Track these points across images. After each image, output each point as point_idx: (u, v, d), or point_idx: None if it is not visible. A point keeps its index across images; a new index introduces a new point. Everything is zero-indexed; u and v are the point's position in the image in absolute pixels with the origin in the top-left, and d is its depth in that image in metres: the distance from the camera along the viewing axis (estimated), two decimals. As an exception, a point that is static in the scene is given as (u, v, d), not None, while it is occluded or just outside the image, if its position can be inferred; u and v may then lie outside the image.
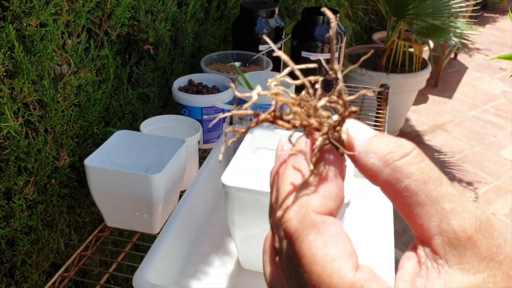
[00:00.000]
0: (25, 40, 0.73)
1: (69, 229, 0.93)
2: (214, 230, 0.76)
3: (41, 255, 0.87)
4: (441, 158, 2.39)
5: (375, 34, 2.79)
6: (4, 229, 0.77)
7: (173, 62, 1.13)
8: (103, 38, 0.91)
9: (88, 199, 0.94)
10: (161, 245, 0.63)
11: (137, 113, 1.05)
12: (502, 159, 2.40)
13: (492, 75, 3.36)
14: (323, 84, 0.27)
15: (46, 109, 0.79)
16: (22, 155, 0.76)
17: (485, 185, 2.20)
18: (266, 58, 1.17)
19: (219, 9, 1.29)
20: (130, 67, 1.01)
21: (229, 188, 0.61)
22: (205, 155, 0.98)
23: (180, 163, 0.78)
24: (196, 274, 0.68)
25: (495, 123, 2.74)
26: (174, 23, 1.11)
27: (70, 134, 0.86)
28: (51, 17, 0.75)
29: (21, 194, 0.78)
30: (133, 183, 0.72)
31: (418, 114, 2.80)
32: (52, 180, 0.84)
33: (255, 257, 0.68)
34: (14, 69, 0.71)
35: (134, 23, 0.98)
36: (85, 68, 0.86)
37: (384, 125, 1.27)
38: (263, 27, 1.18)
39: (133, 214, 0.76)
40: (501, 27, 4.50)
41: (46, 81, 0.77)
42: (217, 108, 0.97)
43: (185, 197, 0.73)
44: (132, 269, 1.08)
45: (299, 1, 1.68)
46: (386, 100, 1.36)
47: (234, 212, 0.63)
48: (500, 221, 1.97)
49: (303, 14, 1.18)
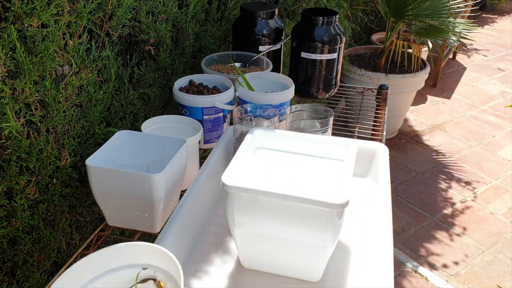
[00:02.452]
0: (27, 41, 0.73)
1: (70, 228, 0.94)
2: (215, 229, 0.77)
3: (43, 254, 0.87)
4: (440, 158, 2.40)
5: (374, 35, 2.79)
6: (6, 229, 0.77)
7: (174, 63, 1.14)
8: (104, 39, 0.91)
9: (89, 199, 0.94)
10: (161, 244, 0.64)
11: (138, 113, 1.05)
12: (500, 158, 2.41)
13: (491, 76, 3.37)
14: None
15: (47, 109, 0.80)
16: (23, 155, 0.76)
17: (484, 184, 2.21)
18: (266, 59, 1.17)
19: (219, 10, 1.30)
20: (131, 68, 1.01)
21: (229, 187, 0.61)
22: (205, 155, 0.98)
23: (180, 163, 0.79)
24: (196, 273, 0.68)
25: (494, 123, 2.75)
26: (175, 24, 1.11)
27: (72, 134, 0.86)
28: (52, 18, 0.76)
29: (23, 194, 0.78)
30: (134, 183, 0.73)
31: (416, 114, 2.81)
32: (54, 180, 0.84)
33: (255, 256, 0.68)
34: (15, 69, 0.72)
35: (135, 24, 0.98)
36: (87, 69, 0.86)
37: (383, 125, 1.28)
38: (263, 28, 1.19)
39: (134, 213, 0.77)
40: (499, 28, 4.51)
41: (48, 82, 0.77)
42: (218, 108, 0.97)
43: (186, 197, 0.73)
44: (132, 268, 1.09)
45: (299, 2, 1.68)
46: (385, 100, 1.37)
47: (234, 212, 0.64)
48: (498, 220, 1.98)
49: (303, 15, 1.19)
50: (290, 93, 1.01)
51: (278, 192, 0.60)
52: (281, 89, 1.04)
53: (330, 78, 1.24)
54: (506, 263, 1.76)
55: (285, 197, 0.60)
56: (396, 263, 1.75)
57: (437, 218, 1.98)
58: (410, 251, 1.81)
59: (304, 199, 0.59)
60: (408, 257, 1.78)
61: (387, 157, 0.85)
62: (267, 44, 1.20)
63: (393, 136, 2.58)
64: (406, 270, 1.72)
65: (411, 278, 1.69)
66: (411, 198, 2.10)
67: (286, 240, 0.64)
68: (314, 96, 1.27)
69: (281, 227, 0.63)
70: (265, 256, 0.68)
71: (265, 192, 0.60)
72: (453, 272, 1.72)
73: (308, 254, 0.65)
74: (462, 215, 2.01)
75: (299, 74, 1.23)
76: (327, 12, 1.20)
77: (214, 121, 0.98)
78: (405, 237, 1.87)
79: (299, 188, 0.62)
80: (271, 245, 0.66)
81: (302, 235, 0.63)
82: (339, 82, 1.29)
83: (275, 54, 1.23)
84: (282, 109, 1.00)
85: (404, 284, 1.67)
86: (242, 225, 0.65)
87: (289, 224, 0.63)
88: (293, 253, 0.65)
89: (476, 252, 1.81)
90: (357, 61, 2.45)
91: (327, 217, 0.60)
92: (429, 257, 1.79)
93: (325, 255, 0.65)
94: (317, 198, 0.58)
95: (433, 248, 1.83)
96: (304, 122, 0.89)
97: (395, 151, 2.43)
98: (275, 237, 0.65)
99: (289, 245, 0.65)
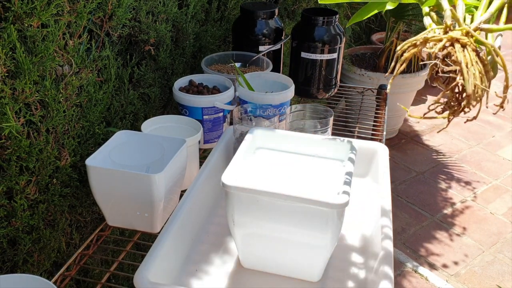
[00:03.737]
0: (27, 41, 0.73)
1: (70, 228, 0.94)
2: (215, 229, 0.77)
3: (43, 254, 0.87)
4: (440, 158, 2.40)
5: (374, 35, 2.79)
6: (6, 229, 0.77)
7: (174, 63, 1.14)
8: (104, 39, 0.91)
9: (89, 199, 0.94)
10: (162, 244, 0.64)
11: (138, 113, 1.05)
12: (500, 158, 2.41)
13: (491, 76, 3.37)
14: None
15: (47, 109, 0.80)
16: (23, 155, 0.76)
17: (484, 184, 2.21)
18: (266, 59, 1.17)
19: (219, 10, 1.30)
20: (131, 68, 1.01)
21: (229, 187, 0.61)
22: (205, 155, 0.98)
23: (180, 163, 0.79)
24: (196, 273, 0.68)
25: (494, 123, 2.75)
26: (175, 24, 1.11)
27: (72, 134, 0.86)
28: (52, 18, 0.76)
29: (23, 194, 0.78)
30: (134, 183, 0.73)
31: (417, 114, 2.81)
32: (54, 180, 0.84)
33: (255, 255, 0.68)
34: (15, 69, 0.72)
35: (135, 24, 0.98)
36: (87, 69, 0.86)
37: (383, 125, 1.28)
38: (263, 28, 1.19)
39: (134, 213, 0.77)
40: (500, 27, 4.51)
41: (48, 82, 0.77)
42: (218, 108, 0.97)
43: (186, 197, 0.73)
44: (133, 268, 1.09)
45: (299, 2, 1.68)
46: (385, 100, 1.37)
47: (234, 211, 0.64)
48: (498, 220, 1.98)
49: (303, 15, 1.19)
50: (290, 93, 1.01)
51: (278, 192, 0.60)
52: (281, 89, 1.04)
53: (330, 78, 1.24)
54: (506, 263, 1.76)
55: (285, 197, 0.60)
56: (396, 263, 1.75)
57: (437, 218, 1.98)
58: (410, 251, 1.81)
59: (304, 199, 0.59)
60: (408, 257, 1.78)
61: (387, 157, 0.85)
62: (267, 44, 1.20)
63: (393, 136, 2.58)
64: (406, 270, 1.72)
65: (411, 278, 1.69)
66: (411, 198, 2.10)
67: (286, 240, 0.64)
68: (314, 96, 1.27)
69: (281, 227, 0.63)
70: (265, 256, 0.68)
71: (265, 192, 0.60)
72: (453, 272, 1.72)
73: (308, 254, 0.65)
74: (462, 215, 2.01)
75: (299, 74, 1.23)
76: (327, 12, 1.20)
77: (214, 121, 0.98)
78: (405, 237, 1.87)
79: (299, 188, 0.62)
80: (271, 245, 0.66)
81: (302, 235, 0.63)
82: (339, 82, 1.29)
83: (275, 54, 1.23)
84: (282, 109, 1.00)
85: (404, 284, 1.67)
86: (242, 225, 0.65)
87: (289, 224, 0.63)
88: (293, 253, 0.65)
89: (476, 252, 1.81)
90: (357, 61, 2.45)
91: (327, 217, 0.60)
92: (429, 257, 1.79)
93: (325, 255, 0.65)
94: (317, 198, 0.58)
95: (433, 248, 1.83)
96: (304, 122, 0.89)
97: (395, 151, 2.43)
98: (275, 237, 0.65)
99: (289, 245, 0.65)
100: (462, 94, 0.33)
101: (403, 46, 0.35)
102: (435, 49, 0.28)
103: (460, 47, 0.32)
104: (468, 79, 0.25)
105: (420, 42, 0.31)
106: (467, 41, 0.33)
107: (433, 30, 0.36)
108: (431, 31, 0.35)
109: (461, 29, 0.37)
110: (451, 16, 0.35)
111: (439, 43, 0.31)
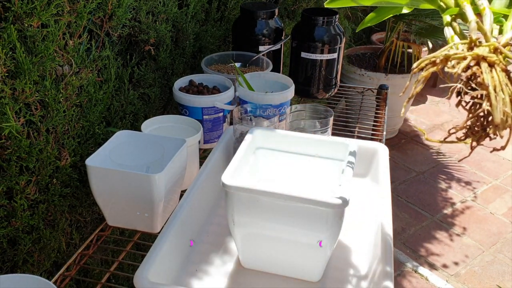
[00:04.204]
0: (27, 41, 0.73)
1: (70, 228, 0.94)
2: (215, 229, 0.77)
3: (43, 254, 0.87)
4: (440, 158, 2.40)
5: (374, 35, 2.79)
6: (6, 229, 0.77)
7: (174, 63, 1.14)
8: (104, 39, 0.91)
9: (89, 199, 0.94)
10: (161, 244, 0.64)
11: (138, 113, 1.05)
12: (500, 158, 2.41)
13: (491, 76, 3.37)
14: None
15: (47, 109, 0.80)
16: (23, 155, 0.76)
17: (484, 184, 2.21)
18: (266, 59, 1.17)
19: (219, 10, 1.30)
20: (131, 68, 1.01)
21: (229, 187, 0.61)
22: (205, 155, 0.98)
23: (180, 163, 0.79)
24: (196, 273, 0.68)
25: (494, 123, 2.75)
26: (175, 24, 1.11)
27: (72, 134, 0.86)
28: (52, 18, 0.76)
29: (23, 194, 0.78)
30: (134, 183, 0.73)
31: (417, 114, 2.81)
32: (54, 180, 0.84)
33: (255, 256, 0.68)
34: (15, 69, 0.72)
35: (135, 24, 0.98)
36: (87, 69, 0.86)
37: (383, 125, 1.28)
38: (263, 28, 1.19)
39: (134, 213, 0.77)
40: (500, 27, 4.51)
41: (48, 82, 0.77)
42: (218, 108, 0.97)
43: (186, 197, 0.73)
44: (133, 268, 1.09)
45: (299, 2, 1.68)
46: (385, 100, 1.37)
47: (234, 211, 0.64)
48: (498, 220, 1.98)
49: (303, 15, 1.19)
50: (290, 93, 1.01)
51: (278, 192, 0.60)
52: (281, 89, 1.04)
53: (330, 78, 1.24)
54: (506, 263, 1.76)
55: (285, 197, 0.60)
56: (396, 263, 1.75)
57: (437, 218, 1.98)
58: (410, 251, 1.81)
59: (304, 199, 0.59)
60: (408, 257, 1.78)
61: (387, 157, 0.85)
62: (267, 44, 1.20)
63: (393, 136, 2.58)
64: (406, 270, 1.72)
65: (411, 278, 1.69)
66: (411, 198, 2.10)
67: (286, 240, 0.64)
68: (314, 96, 1.27)
69: (281, 227, 0.63)
70: (265, 256, 0.68)
71: (265, 192, 0.60)
72: (453, 272, 1.72)
73: (308, 254, 0.65)
74: (462, 215, 2.01)
75: (299, 74, 1.23)
76: (327, 12, 1.20)
77: (214, 121, 0.98)
78: (405, 237, 1.87)
79: (299, 188, 0.62)
80: (271, 245, 0.66)
81: (302, 235, 0.63)
82: (339, 82, 1.29)
83: (275, 54, 1.23)
84: (282, 109, 1.00)
85: (404, 284, 1.67)
86: (242, 225, 0.65)
87: (289, 224, 0.63)
88: (293, 253, 0.65)
89: (476, 252, 1.81)
90: (357, 61, 2.45)
91: (327, 217, 0.60)
92: (429, 257, 1.79)
93: (325, 255, 0.65)
94: (317, 198, 0.58)
95: (433, 248, 1.83)
96: (304, 122, 0.89)
97: (395, 151, 2.43)
98: (275, 237, 0.65)
99: (289, 245, 0.65)
100: (488, 118, 0.28)
101: (420, 63, 0.31)
102: (458, 69, 0.25)
103: (487, 67, 0.27)
104: (496, 106, 0.22)
105: (440, 60, 0.26)
106: (496, 60, 0.28)
107: (456, 45, 0.31)
108: (454, 46, 0.30)
109: (489, 44, 0.34)
110: (476, 29, 0.31)
111: (462, 61, 0.26)
